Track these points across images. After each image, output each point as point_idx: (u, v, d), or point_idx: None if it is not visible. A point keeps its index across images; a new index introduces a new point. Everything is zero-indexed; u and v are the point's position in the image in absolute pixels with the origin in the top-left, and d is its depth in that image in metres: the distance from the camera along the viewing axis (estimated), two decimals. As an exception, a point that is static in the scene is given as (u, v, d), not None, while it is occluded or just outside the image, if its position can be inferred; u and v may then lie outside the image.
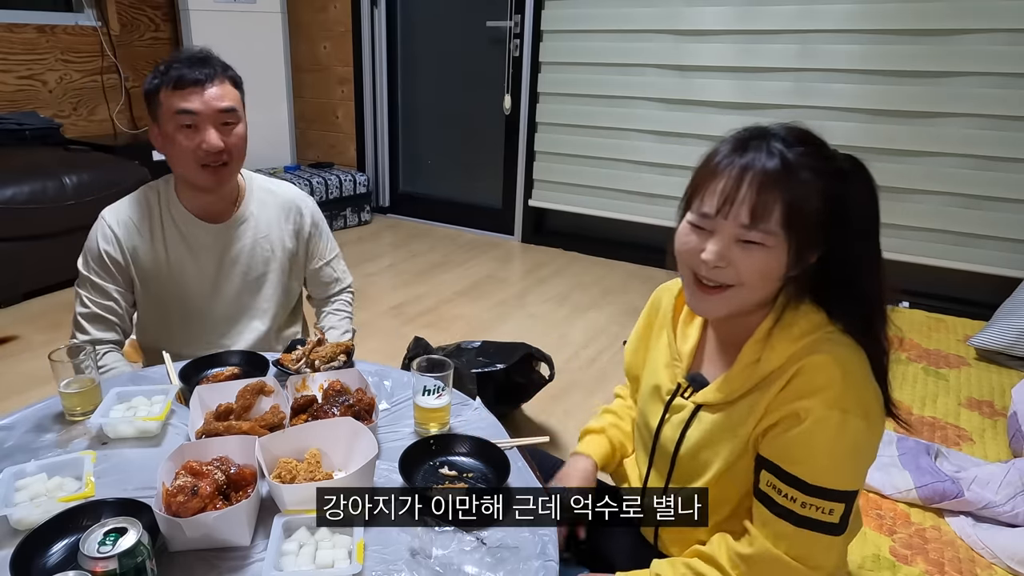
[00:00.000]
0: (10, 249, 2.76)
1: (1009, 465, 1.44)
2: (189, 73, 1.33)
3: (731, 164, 0.86)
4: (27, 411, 1.12)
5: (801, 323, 0.87)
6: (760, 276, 0.85)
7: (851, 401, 0.81)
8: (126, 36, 3.96)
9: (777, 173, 0.83)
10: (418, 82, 4.33)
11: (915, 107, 2.80)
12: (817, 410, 0.81)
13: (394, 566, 0.81)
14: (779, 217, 0.82)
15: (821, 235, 0.84)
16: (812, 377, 0.83)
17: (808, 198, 0.83)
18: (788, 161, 0.83)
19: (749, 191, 0.83)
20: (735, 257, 0.85)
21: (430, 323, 2.88)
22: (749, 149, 0.86)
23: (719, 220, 0.85)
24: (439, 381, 1.08)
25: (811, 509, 0.82)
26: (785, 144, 0.85)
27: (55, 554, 0.81)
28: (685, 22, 3.21)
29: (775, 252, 0.84)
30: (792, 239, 0.83)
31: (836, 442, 0.81)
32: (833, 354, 0.84)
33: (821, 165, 0.84)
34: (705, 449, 0.93)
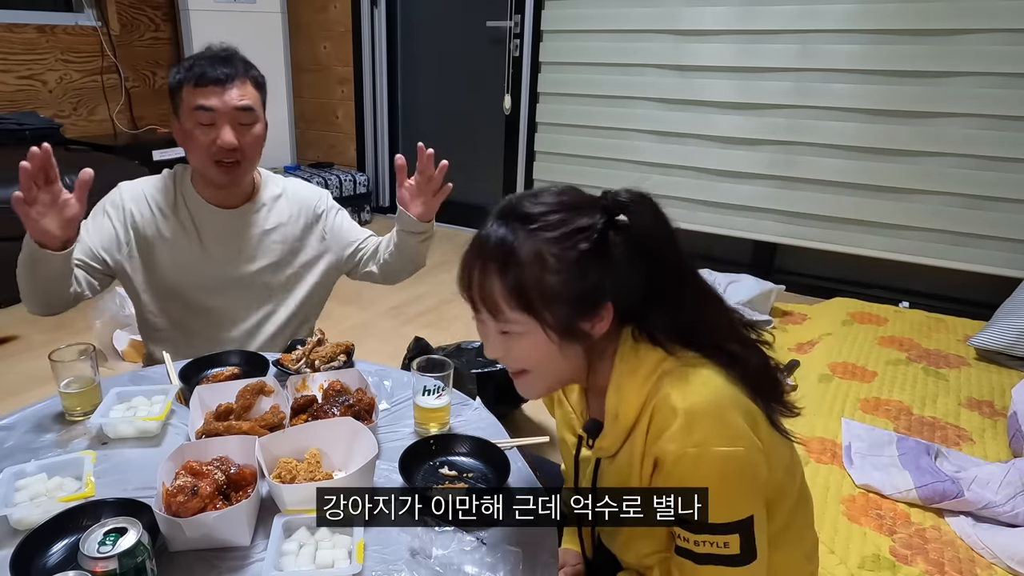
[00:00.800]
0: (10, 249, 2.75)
1: (1009, 465, 1.44)
2: (211, 71, 1.36)
3: (466, 260, 0.87)
4: (27, 411, 1.12)
5: (644, 364, 0.84)
6: (534, 360, 0.85)
7: (702, 433, 0.77)
8: (126, 36, 3.96)
9: (509, 262, 0.80)
10: (418, 82, 4.33)
11: (915, 107, 2.80)
12: (671, 451, 0.78)
13: (394, 566, 0.81)
14: (517, 303, 0.80)
15: (587, 299, 0.81)
16: (660, 418, 0.80)
17: (544, 273, 0.79)
18: (506, 244, 0.81)
19: (483, 286, 0.83)
20: (504, 347, 0.85)
21: (430, 323, 2.88)
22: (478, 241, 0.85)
23: (479, 315, 0.86)
24: (439, 381, 1.08)
25: (706, 545, 0.79)
26: (510, 222, 0.82)
27: (55, 554, 0.81)
28: (685, 22, 3.21)
29: (532, 336, 0.82)
30: (542, 318, 0.80)
31: (701, 479, 0.78)
32: (676, 389, 0.80)
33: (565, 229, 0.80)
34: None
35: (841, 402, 1.85)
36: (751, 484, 0.80)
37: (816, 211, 3.08)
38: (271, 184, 1.55)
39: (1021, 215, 2.72)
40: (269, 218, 1.51)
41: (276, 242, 1.51)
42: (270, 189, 1.54)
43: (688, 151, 3.35)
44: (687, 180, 3.39)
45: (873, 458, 1.55)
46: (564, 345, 0.83)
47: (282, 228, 1.52)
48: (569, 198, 0.83)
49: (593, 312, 0.82)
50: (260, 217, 1.50)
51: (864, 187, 2.94)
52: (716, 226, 3.40)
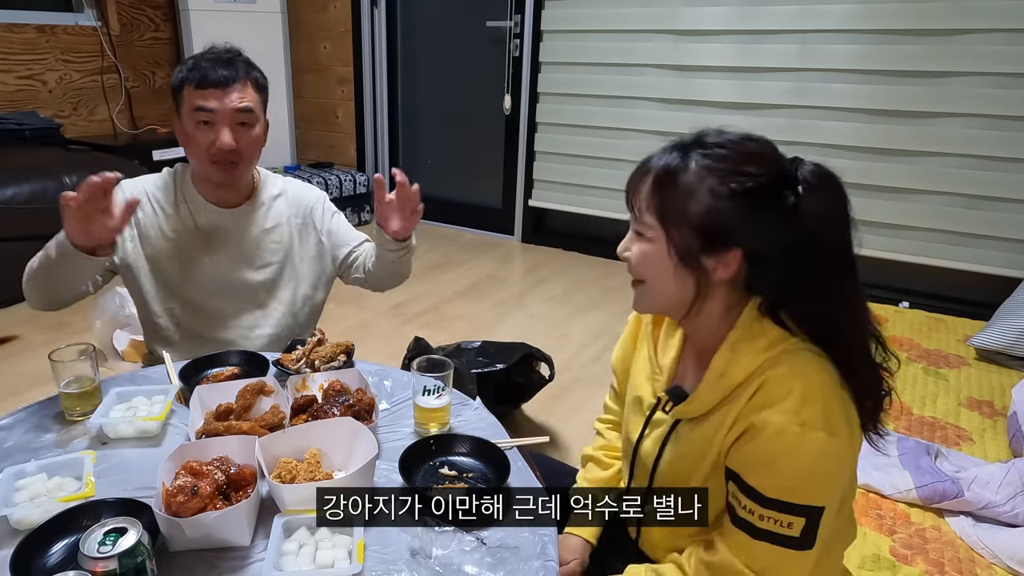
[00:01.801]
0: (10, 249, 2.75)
1: (1009, 465, 1.44)
2: (212, 74, 1.36)
3: (647, 161, 0.90)
4: (27, 411, 1.12)
5: (767, 335, 0.85)
6: (645, 267, 0.88)
7: (811, 415, 0.79)
8: (126, 36, 3.96)
9: (667, 172, 0.85)
10: (418, 82, 4.33)
11: (915, 107, 2.80)
12: (775, 422, 0.79)
13: (394, 566, 0.81)
14: (654, 210, 0.85)
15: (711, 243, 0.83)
16: (772, 389, 0.81)
17: (690, 202, 0.83)
18: (680, 162, 0.85)
19: (641, 187, 0.87)
20: (632, 249, 0.89)
21: (430, 323, 2.88)
22: (668, 150, 0.88)
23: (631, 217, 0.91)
24: (439, 381, 1.08)
25: (768, 522, 0.80)
26: (695, 147, 0.86)
27: (55, 554, 0.81)
28: (685, 22, 3.21)
29: (656, 244, 0.86)
30: (670, 233, 0.84)
31: (794, 456, 0.79)
32: (794, 367, 0.82)
33: (722, 169, 0.83)
34: (683, 463, 0.93)
35: (841, 402, 1.84)
36: (835, 478, 0.83)
37: (816, 211, 3.07)
38: (270, 184, 1.55)
39: (1021, 215, 2.72)
40: (268, 217, 1.51)
41: (275, 241, 1.51)
42: (269, 189, 1.54)
43: (688, 151, 3.35)
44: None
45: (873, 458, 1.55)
46: (680, 270, 0.85)
47: (280, 228, 1.52)
48: (751, 147, 0.86)
49: (719, 251, 0.84)
50: (259, 216, 1.51)
51: (864, 187, 2.94)
52: (716, 226, 3.40)
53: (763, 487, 0.80)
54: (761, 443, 0.81)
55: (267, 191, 1.53)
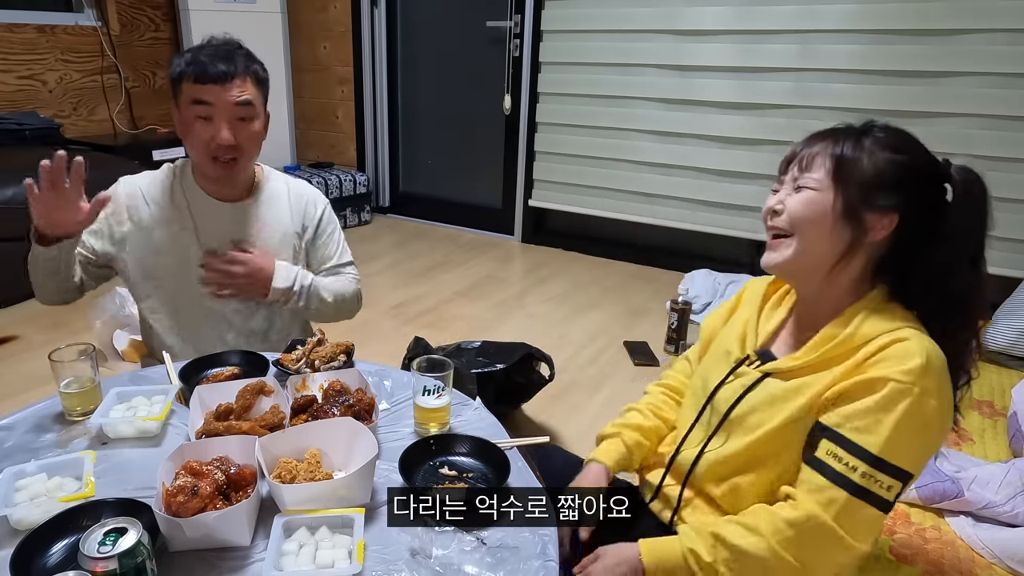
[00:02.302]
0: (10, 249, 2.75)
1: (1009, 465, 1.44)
2: (212, 68, 1.34)
3: (812, 136, 0.97)
4: (27, 411, 1.12)
5: (895, 313, 0.91)
6: (803, 216, 0.93)
7: (931, 384, 0.83)
8: (126, 36, 3.96)
9: (839, 138, 0.94)
10: (418, 82, 4.33)
11: (915, 107, 2.80)
12: (898, 381, 0.83)
13: (394, 566, 0.81)
14: (828, 168, 0.92)
15: (875, 200, 0.90)
16: (899, 351, 0.85)
17: (863, 161, 0.91)
18: (860, 135, 0.94)
19: (809, 149, 0.95)
20: (788, 201, 0.95)
21: (430, 323, 2.88)
22: (839, 129, 0.97)
23: (786, 176, 0.97)
24: (439, 381, 1.08)
25: (870, 480, 0.83)
26: (870, 129, 0.95)
27: (55, 554, 0.81)
28: (685, 22, 3.21)
29: (821, 196, 0.92)
30: (839, 190, 0.91)
31: (910, 417, 0.83)
32: (923, 341, 0.86)
33: (889, 143, 0.92)
34: (760, 412, 0.96)
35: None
36: (930, 448, 0.88)
37: (816, 211, 3.08)
38: (272, 180, 1.55)
39: (1021, 215, 2.73)
40: (269, 214, 1.51)
41: (273, 239, 1.51)
42: (271, 185, 1.53)
43: (688, 151, 3.35)
44: (687, 180, 3.39)
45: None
46: (839, 222, 0.91)
47: (280, 225, 1.52)
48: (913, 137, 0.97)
49: (880, 209, 0.90)
50: (260, 212, 1.50)
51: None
52: (716, 226, 3.40)
53: (872, 445, 0.83)
54: (878, 401, 0.84)
55: (269, 187, 1.53)
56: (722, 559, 0.89)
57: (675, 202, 3.48)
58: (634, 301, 3.17)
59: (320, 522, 0.85)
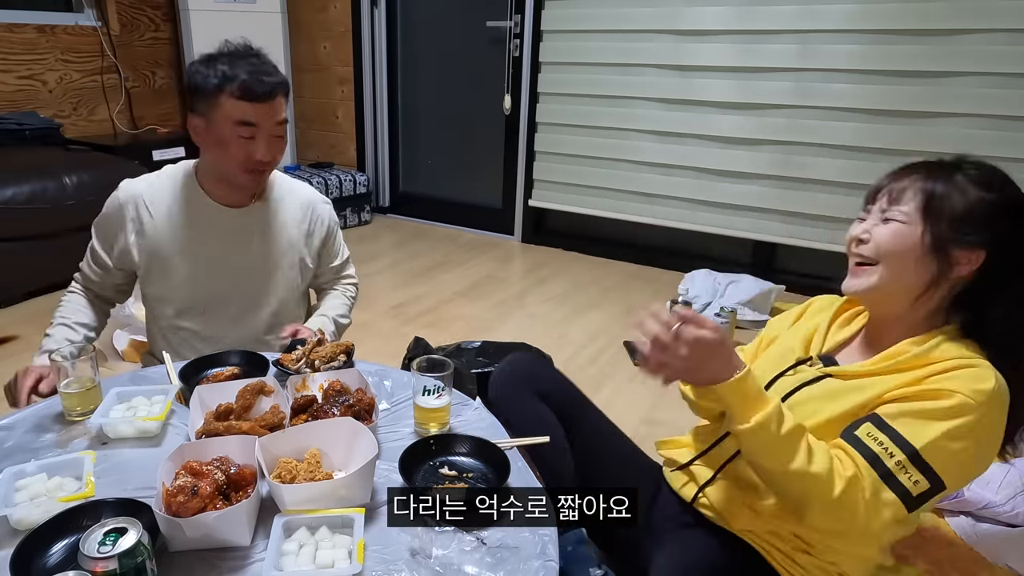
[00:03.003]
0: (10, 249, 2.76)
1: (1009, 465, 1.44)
2: (258, 87, 1.33)
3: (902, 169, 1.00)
4: (27, 411, 1.12)
5: (972, 348, 0.93)
6: (891, 250, 0.95)
7: (993, 412, 0.86)
8: (126, 36, 3.96)
9: (930, 172, 0.96)
10: (418, 82, 4.33)
11: (915, 107, 2.80)
12: (966, 396, 0.85)
13: (394, 566, 0.81)
14: (918, 203, 0.94)
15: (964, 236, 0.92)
16: (973, 373, 0.88)
17: (954, 196, 0.93)
18: (950, 170, 0.96)
19: (898, 183, 0.97)
20: (875, 231, 0.97)
21: (430, 323, 2.88)
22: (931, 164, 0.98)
23: (873, 206, 1.00)
24: (439, 381, 1.08)
25: (901, 469, 0.85)
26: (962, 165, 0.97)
27: (55, 554, 0.81)
28: (685, 22, 3.21)
29: (910, 230, 0.94)
30: (928, 224, 0.93)
31: (964, 432, 0.85)
32: (995, 373, 0.89)
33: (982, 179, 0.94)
34: (814, 403, 0.98)
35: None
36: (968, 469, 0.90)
37: (816, 211, 3.08)
38: (278, 183, 1.55)
39: (1021, 215, 2.72)
40: (276, 218, 1.51)
41: (278, 243, 1.51)
42: (277, 189, 1.54)
43: (688, 151, 3.35)
44: (687, 180, 3.39)
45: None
46: (925, 257, 0.93)
47: (285, 231, 1.52)
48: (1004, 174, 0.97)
49: (968, 245, 0.92)
50: (267, 216, 1.50)
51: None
52: (716, 226, 3.40)
53: (914, 438, 0.85)
54: (940, 408, 0.86)
55: (275, 191, 1.53)
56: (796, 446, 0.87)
57: (675, 202, 3.48)
58: (634, 301, 3.17)
59: (320, 522, 0.85)
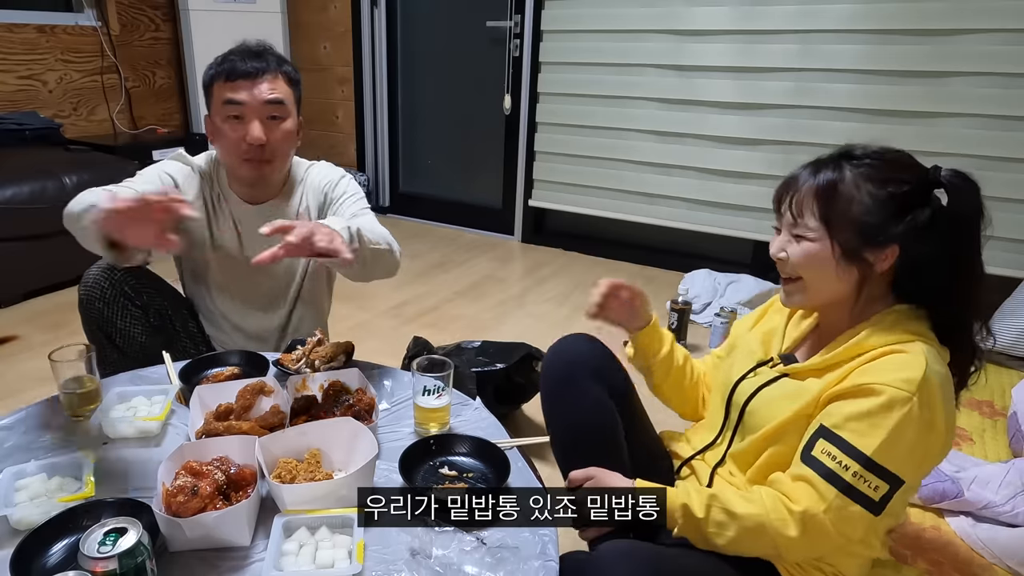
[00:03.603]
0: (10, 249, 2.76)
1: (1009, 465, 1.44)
2: (242, 65, 1.34)
3: (798, 175, 0.98)
4: (27, 411, 1.12)
5: (911, 328, 0.94)
6: (809, 267, 0.96)
7: (929, 397, 0.86)
8: (126, 36, 3.96)
9: (827, 179, 0.94)
10: (418, 82, 4.33)
11: (915, 107, 2.80)
12: (897, 390, 0.86)
13: (394, 566, 0.81)
14: (818, 216, 0.94)
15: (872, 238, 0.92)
16: (902, 361, 0.88)
17: (852, 202, 0.92)
18: (839, 167, 0.94)
19: (798, 193, 0.96)
20: (790, 250, 0.98)
21: (430, 323, 2.88)
22: (820, 164, 0.97)
23: (781, 219, 1.00)
24: (439, 381, 1.08)
25: (859, 480, 0.86)
26: (848, 157, 0.96)
27: (55, 554, 0.81)
28: (685, 22, 3.21)
29: (819, 247, 0.95)
30: (833, 233, 0.93)
31: (906, 425, 0.85)
32: (927, 355, 0.89)
33: (875, 174, 0.93)
34: (773, 405, 1.00)
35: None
36: (923, 459, 0.90)
37: (816, 211, 3.07)
38: (298, 173, 1.53)
39: (1021, 215, 2.73)
40: (299, 210, 1.50)
41: None
42: (298, 179, 1.53)
43: (688, 151, 3.35)
44: (687, 180, 3.39)
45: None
46: (842, 264, 0.94)
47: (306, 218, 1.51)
48: (894, 156, 0.96)
49: (879, 247, 0.93)
50: (291, 210, 1.50)
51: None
52: (716, 226, 3.40)
53: (864, 446, 0.86)
54: (875, 406, 0.86)
55: (296, 183, 1.51)
56: (714, 520, 0.92)
57: (675, 202, 3.48)
58: (634, 301, 3.16)
59: (320, 522, 0.85)
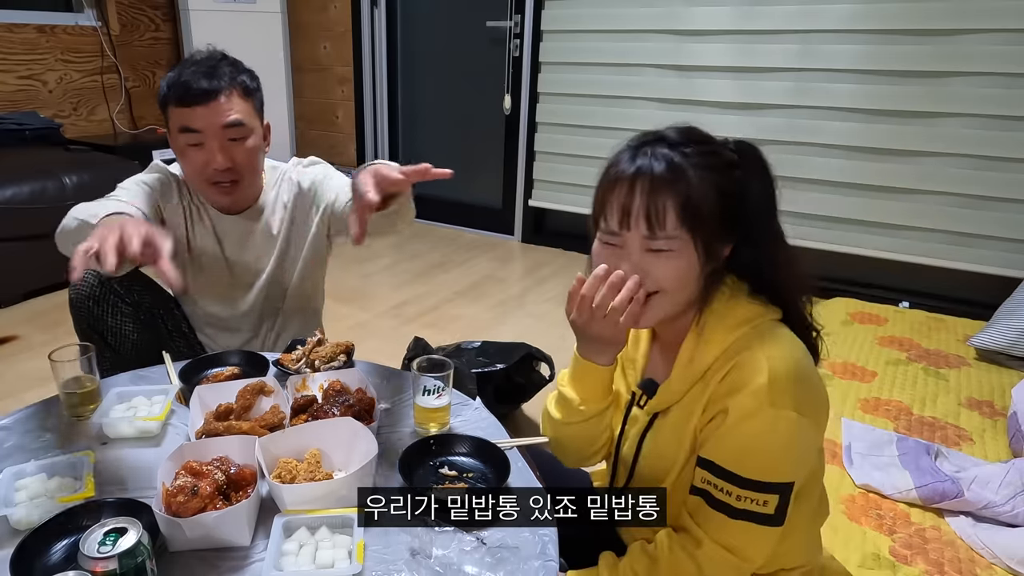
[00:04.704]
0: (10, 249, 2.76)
1: (1009, 465, 1.44)
2: (194, 85, 1.27)
3: (624, 174, 0.88)
4: (27, 411, 1.12)
5: (736, 313, 0.88)
6: (676, 280, 0.87)
7: (782, 396, 0.81)
8: (126, 36, 3.96)
9: (664, 176, 0.86)
10: (418, 82, 4.33)
11: (915, 107, 2.80)
12: (746, 405, 0.82)
13: (394, 566, 0.81)
14: (675, 219, 0.85)
15: (725, 227, 0.87)
16: (742, 373, 0.84)
17: (700, 194, 0.85)
18: (674, 162, 0.86)
19: (642, 199, 0.86)
20: (648, 266, 0.87)
21: (430, 323, 2.88)
22: (638, 157, 0.89)
23: (624, 234, 0.88)
24: (439, 381, 1.08)
25: (746, 501, 0.83)
26: (671, 146, 0.89)
27: (55, 554, 0.81)
28: (685, 22, 3.21)
29: (683, 254, 0.86)
30: (696, 237, 0.85)
31: (767, 436, 0.82)
32: (764, 349, 0.84)
33: (708, 160, 0.87)
34: (662, 456, 0.95)
35: (841, 402, 1.85)
36: (805, 454, 0.86)
37: (816, 211, 3.07)
38: (271, 176, 1.51)
39: (1021, 215, 2.72)
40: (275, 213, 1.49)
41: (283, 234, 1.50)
42: (271, 182, 1.50)
43: (688, 151, 3.34)
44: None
45: (873, 458, 1.55)
46: (705, 268, 0.87)
47: (286, 218, 1.50)
48: (700, 135, 0.92)
49: (726, 234, 0.88)
50: (267, 215, 1.49)
51: (864, 187, 2.94)
52: (716, 226, 3.40)
53: (740, 470, 0.83)
54: (735, 427, 0.83)
55: (270, 187, 1.49)
56: None
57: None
58: (634, 301, 3.16)
59: (320, 522, 0.85)
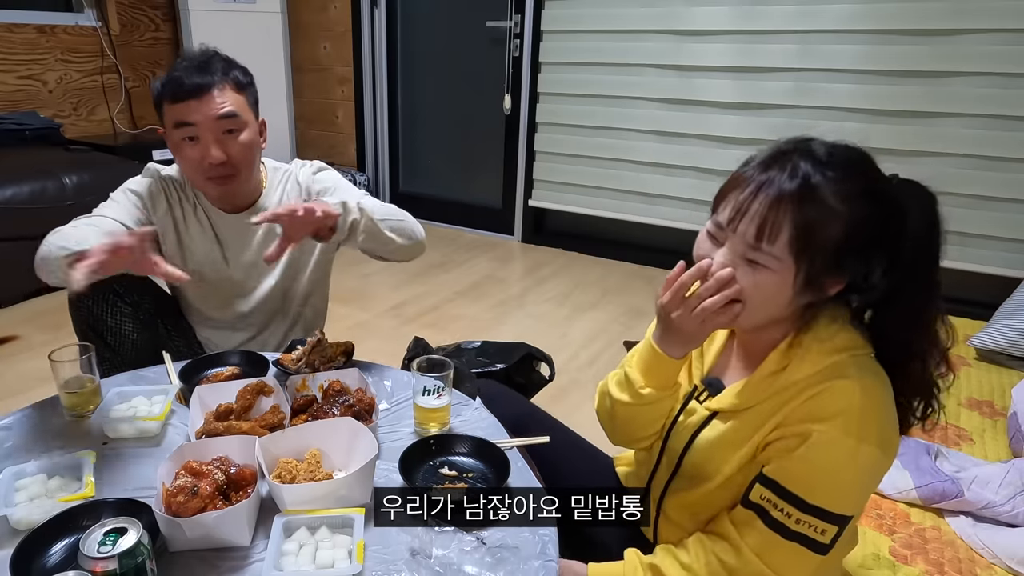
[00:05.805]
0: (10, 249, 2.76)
1: (1009, 465, 1.44)
2: (187, 81, 1.29)
3: (753, 176, 0.83)
4: (27, 411, 1.12)
5: (837, 339, 0.85)
6: (761, 298, 0.83)
7: (869, 430, 0.80)
8: (126, 36, 3.96)
9: (793, 194, 0.79)
10: (418, 82, 4.33)
11: (915, 107, 2.80)
12: (831, 433, 0.80)
13: (394, 566, 0.81)
14: (787, 241, 0.79)
15: (842, 264, 0.81)
16: (834, 400, 0.81)
17: (824, 225, 0.78)
18: (809, 183, 0.79)
19: (760, 207, 0.80)
20: (739, 274, 0.83)
21: (430, 323, 2.88)
22: (775, 164, 0.82)
23: (729, 232, 0.84)
24: (439, 381, 1.08)
25: (803, 525, 0.82)
26: (815, 163, 0.80)
27: (55, 554, 0.81)
28: (685, 22, 3.21)
29: (780, 276, 0.81)
30: (801, 266, 0.80)
31: (845, 468, 0.80)
32: (860, 380, 0.81)
33: (849, 189, 0.79)
34: (714, 456, 0.92)
35: (841, 402, 1.84)
36: (871, 489, 0.86)
37: (816, 211, 3.07)
38: (272, 177, 1.51)
39: (1021, 215, 2.72)
40: None
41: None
42: (272, 183, 1.50)
43: (688, 151, 3.35)
44: (687, 180, 3.39)
45: (873, 458, 1.55)
46: (797, 295, 0.82)
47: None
48: (860, 157, 0.83)
49: (840, 272, 0.82)
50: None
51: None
52: (716, 226, 3.40)
53: (805, 493, 0.81)
54: (813, 452, 0.81)
55: (271, 187, 1.49)
56: None
57: (675, 202, 3.48)
58: (634, 301, 3.17)
59: (320, 522, 0.85)
